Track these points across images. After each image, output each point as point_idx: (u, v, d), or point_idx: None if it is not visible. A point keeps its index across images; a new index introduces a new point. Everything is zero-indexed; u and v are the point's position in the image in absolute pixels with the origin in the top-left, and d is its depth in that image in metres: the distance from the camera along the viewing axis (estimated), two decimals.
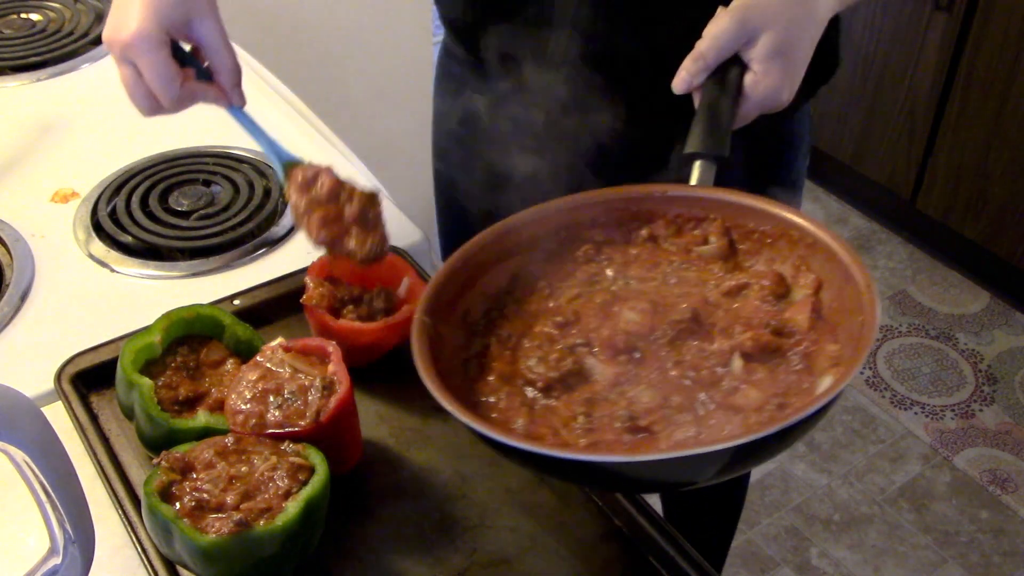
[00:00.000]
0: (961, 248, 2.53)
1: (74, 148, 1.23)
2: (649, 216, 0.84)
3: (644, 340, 0.75)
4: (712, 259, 0.81)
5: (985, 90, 2.27)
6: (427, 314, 0.76)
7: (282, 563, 0.74)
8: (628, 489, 0.78)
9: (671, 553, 0.77)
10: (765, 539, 1.98)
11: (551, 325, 0.78)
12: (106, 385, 0.90)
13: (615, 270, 0.83)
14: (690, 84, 0.83)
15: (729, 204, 0.81)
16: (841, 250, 0.73)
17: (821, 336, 0.73)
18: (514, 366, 0.76)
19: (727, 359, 0.72)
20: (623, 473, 0.65)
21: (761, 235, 0.80)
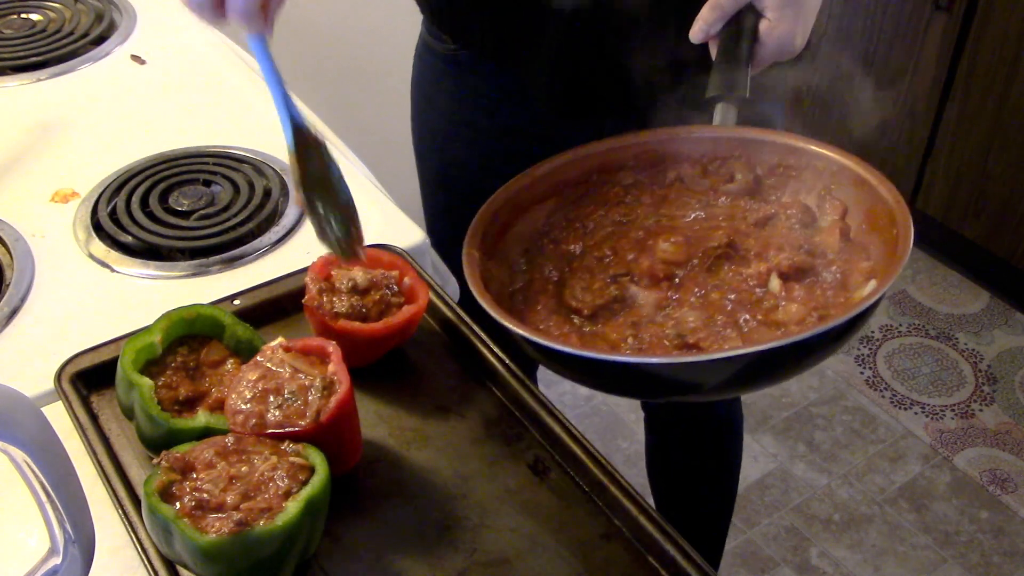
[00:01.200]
0: (961, 248, 2.53)
1: (74, 148, 1.23)
2: (676, 158, 0.87)
3: (682, 268, 0.78)
4: (739, 195, 0.84)
5: (985, 90, 2.27)
6: (476, 248, 0.79)
7: (282, 563, 0.74)
8: (681, 392, 0.79)
9: (671, 553, 0.77)
10: (765, 539, 1.98)
11: (591, 260, 0.82)
12: (106, 385, 0.90)
13: (645, 209, 0.86)
14: (707, 33, 0.85)
15: (753, 141, 0.84)
16: (867, 173, 0.76)
17: (852, 256, 0.76)
18: (559, 298, 0.80)
19: (765, 280, 0.75)
20: (680, 376, 0.67)
21: (786, 168, 0.83)
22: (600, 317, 0.77)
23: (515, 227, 0.84)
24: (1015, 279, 2.45)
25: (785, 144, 0.82)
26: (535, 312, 0.79)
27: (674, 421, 1.52)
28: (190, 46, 1.42)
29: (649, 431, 1.59)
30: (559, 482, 0.84)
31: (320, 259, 0.93)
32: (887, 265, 0.72)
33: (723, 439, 1.52)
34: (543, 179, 0.86)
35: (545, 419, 0.86)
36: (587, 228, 0.86)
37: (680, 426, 1.52)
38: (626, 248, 0.82)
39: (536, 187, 0.86)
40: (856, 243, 0.77)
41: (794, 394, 2.28)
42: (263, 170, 1.17)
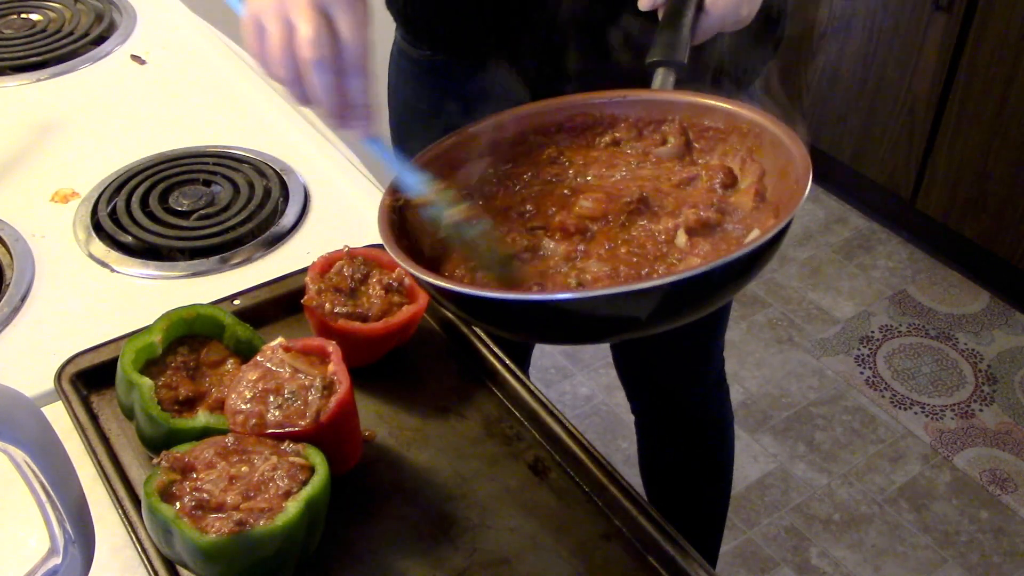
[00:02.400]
0: (961, 248, 2.53)
1: (74, 148, 1.23)
2: (612, 121, 0.88)
3: (597, 223, 0.80)
4: (670, 159, 0.86)
5: (985, 90, 2.27)
6: (393, 198, 0.79)
7: (282, 563, 0.74)
8: (574, 334, 0.80)
9: (671, 553, 0.77)
10: (765, 539, 1.98)
11: (513, 214, 0.83)
12: (106, 385, 0.90)
13: (576, 169, 0.87)
14: (654, 2, 0.86)
15: (686, 104, 0.85)
16: (781, 133, 0.78)
17: (763, 215, 0.78)
18: None
19: (672, 236, 0.77)
20: (572, 310, 0.68)
21: (715, 132, 0.84)
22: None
23: (447, 182, 0.84)
24: (1015, 279, 2.45)
25: (714, 107, 0.84)
26: (451, 262, 0.79)
27: (665, 423, 1.52)
28: (190, 46, 1.42)
29: (641, 433, 1.59)
30: (559, 482, 0.84)
31: (320, 259, 0.93)
32: (786, 207, 0.74)
33: (714, 440, 1.52)
34: (477, 136, 0.86)
35: (545, 419, 0.86)
36: (517, 186, 0.87)
37: (671, 428, 1.52)
38: (548, 204, 0.83)
39: (471, 144, 0.86)
40: (769, 202, 0.79)
41: (794, 394, 2.28)
42: (263, 170, 1.17)
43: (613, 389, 2.26)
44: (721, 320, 1.39)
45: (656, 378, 1.46)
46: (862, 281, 2.56)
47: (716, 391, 1.48)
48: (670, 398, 1.47)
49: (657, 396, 1.49)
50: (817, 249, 2.66)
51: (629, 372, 1.49)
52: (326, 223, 1.11)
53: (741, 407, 2.24)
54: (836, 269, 2.60)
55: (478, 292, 0.70)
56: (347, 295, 0.90)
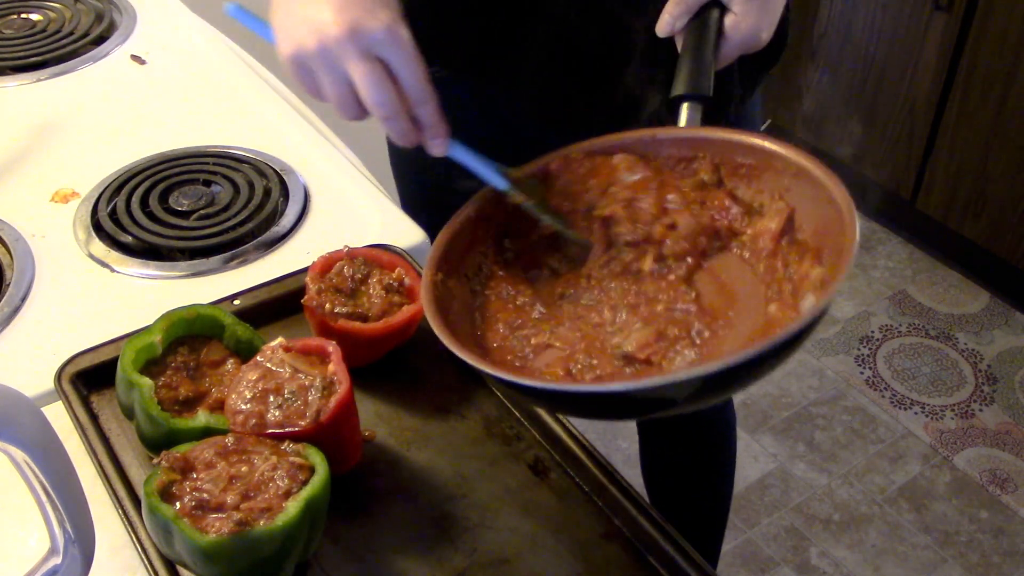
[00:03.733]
0: (961, 248, 2.53)
1: (74, 148, 1.23)
2: (643, 160, 0.85)
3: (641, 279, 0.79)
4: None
5: (985, 90, 2.27)
6: (438, 270, 0.78)
7: (282, 563, 0.74)
8: (636, 414, 0.80)
9: (671, 553, 0.77)
10: (765, 539, 1.98)
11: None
12: (106, 385, 0.90)
13: None
14: (672, 27, 0.85)
15: (716, 141, 0.82)
16: (822, 175, 0.75)
17: (803, 258, 0.75)
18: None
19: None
20: (630, 398, 0.66)
21: (748, 168, 0.82)
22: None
23: (481, 242, 0.84)
24: (1015, 279, 2.45)
25: (746, 143, 0.81)
26: (495, 332, 0.78)
27: (666, 425, 1.52)
28: (190, 46, 1.42)
29: (642, 435, 1.59)
30: (559, 482, 0.84)
31: (320, 259, 0.93)
32: (832, 272, 0.71)
33: (716, 441, 1.52)
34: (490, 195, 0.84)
35: (545, 419, 0.86)
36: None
37: (672, 429, 1.52)
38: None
39: (501, 201, 0.84)
40: (809, 246, 0.76)
41: (794, 394, 2.28)
42: (263, 170, 1.17)
43: None
44: None
45: None
46: (862, 281, 2.56)
47: None
48: None
49: None
50: None
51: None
52: (326, 223, 1.11)
53: (741, 407, 2.24)
54: None
55: (550, 386, 0.69)
56: (347, 295, 0.90)
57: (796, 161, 0.78)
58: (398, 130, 0.77)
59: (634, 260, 0.80)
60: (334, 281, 0.91)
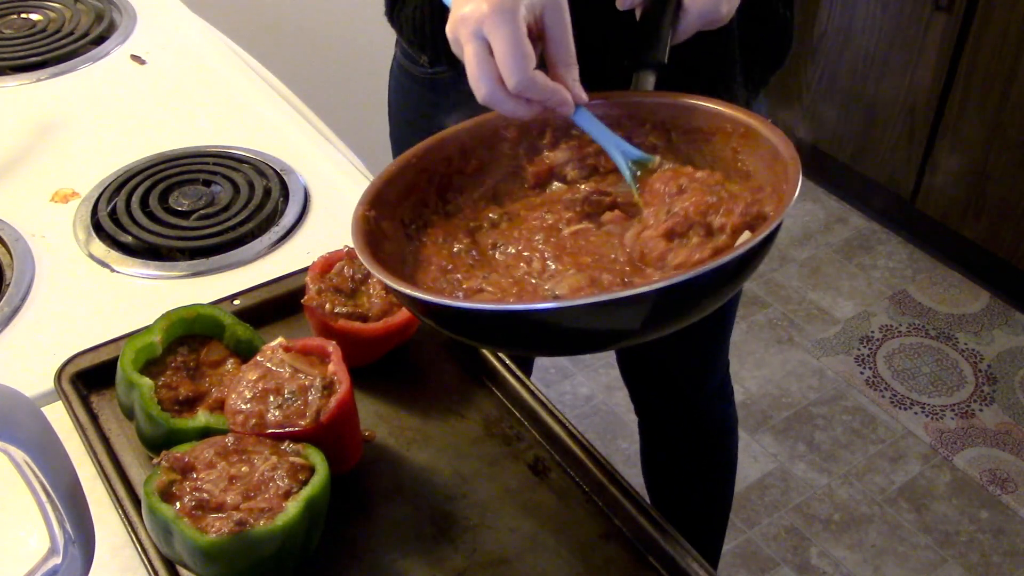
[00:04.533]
0: (961, 248, 2.53)
1: (74, 148, 1.23)
2: None
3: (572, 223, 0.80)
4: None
5: (985, 90, 2.27)
6: (371, 207, 0.78)
7: (282, 563, 0.74)
8: (555, 346, 0.78)
9: (671, 553, 0.77)
10: (765, 539, 1.98)
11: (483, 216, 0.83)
12: (106, 385, 0.90)
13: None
14: (633, 1, 0.85)
15: (667, 105, 0.84)
16: (769, 132, 0.77)
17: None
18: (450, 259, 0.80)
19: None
20: (551, 322, 0.66)
21: (698, 132, 0.83)
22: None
23: (419, 190, 0.84)
24: (1015, 279, 2.45)
25: (696, 107, 0.82)
26: (427, 274, 0.78)
27: (668, 425, 1.52)
28: (190, 46, 1.42)
29: (644, 435, 1.59)
30: (559, 482, 0.84)
31: (320, 259, 0.93)
32: (776, 208, 0.72)
33: (717, 442, 1.52)
34: (450, 142, 0.85)
35: (545, 419, 0.87)
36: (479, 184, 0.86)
37: (674, 432, 1.52)
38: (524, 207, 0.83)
39: (445, 149, 0.85)
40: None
41: (794, 394, 2.28)
42: (263, 170, 1.17)
43: (613, 389, 2.26)
44: (725, 330, 1.39)
45: (659, 384, 1.46)
46: (862, 281, 2.56)
47: (719, 399, 1.48)
48: (673, 403, 1.47)
49: (660, 401, 1.49)
50: (817, 249, 2.66)
51: (632, 376, 1.49)
52: (326, 223, 1.11)
53: (741, 407, 2.24)
54: (836, 269, 2.60)
55: (464, 304, 0.69)
56: (347, 295, 0.90)
57: (745, 121, 0.79)
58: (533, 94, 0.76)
59: (574, 215, 0.81)
60: (334, 281, 0.91)
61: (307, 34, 2.05)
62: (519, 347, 0.79)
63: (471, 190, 0.86)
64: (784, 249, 2.65)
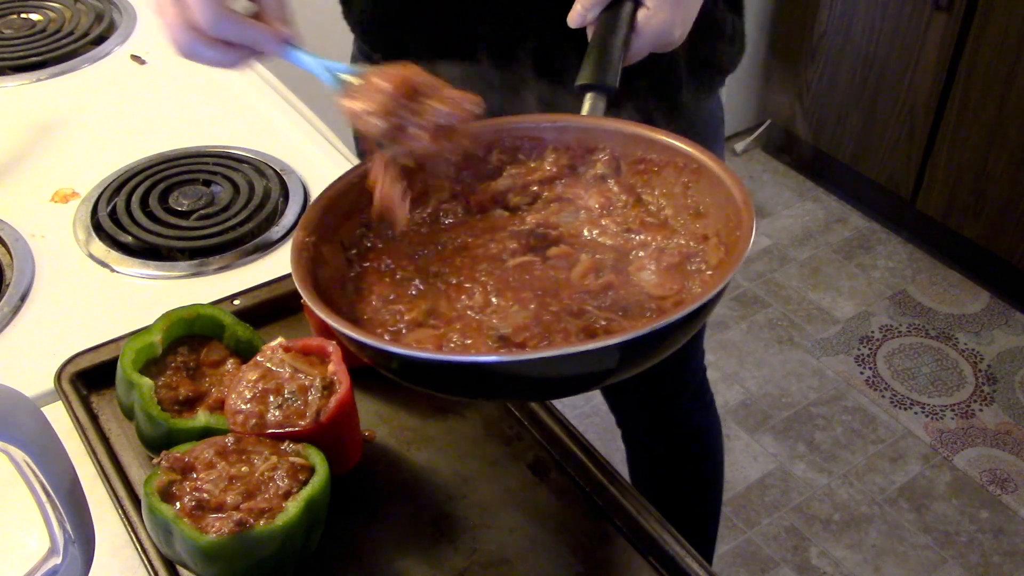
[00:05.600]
0: (961, 248, 2.53)
1: (74, 148, 1.23)
2: (540, 145, 0.84)
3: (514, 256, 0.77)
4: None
5: (985, 90, 2.27)
6: (309, 233, 0.75)
7: (282, 563, 0.74)
8: (502, 392, 0.77)
9: (671, 553, 0.77)
10: (765, 539, 1.98)
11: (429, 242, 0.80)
12: (106, 385, 0.90)
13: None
14: (584, 19, 0.84)
15: (617, 133, 0.82)
16: (722, 172, 0.75)
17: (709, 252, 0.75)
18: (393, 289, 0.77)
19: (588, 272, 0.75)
20: (505, 373, 0.65)
21: (648, 163, 0.81)
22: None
23: (361, 212, 0.81)
24: (1015, 279, 2.45)
25: (648, 138, 0.81)
26: (368, 305, 0.75)
27: (648, 434, 1.51)
28: None
29: (627, 443, 1.58)
30: (559, 482, 0.84)
31: None
32: (727, 260, 0.71)
33: (700, 450, 1.51)
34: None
35: (545, 419, 0.87)
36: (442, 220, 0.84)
37: (655, 439, 1.51)
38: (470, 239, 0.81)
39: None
40: (713, 240, 0.77)
41: (794, 394, 2.28)
42: (263, 170, 1.17)
43: None
44: (697, 336, 1.37)
45: (634, 392, 1.44)
46: (862, 281, 2.56)
47: (697, 405, 1.47)
48: (650, 411, 1.46)
49: (638, 410, 1.48)
50: (817, 249, 2.66)
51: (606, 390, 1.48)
52: None
53: (741, 407, 2.24)
54: (836, 269, 2.60)
55: (411, 353, 0.66)
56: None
57: (697, 158, 0.78)
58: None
59: (519, 247, 0.79)
60: None
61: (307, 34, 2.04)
62: (454, 392, 0.77)
63: (412, 213, 0.82)
64: (784, 249, 2.66)
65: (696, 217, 0.78)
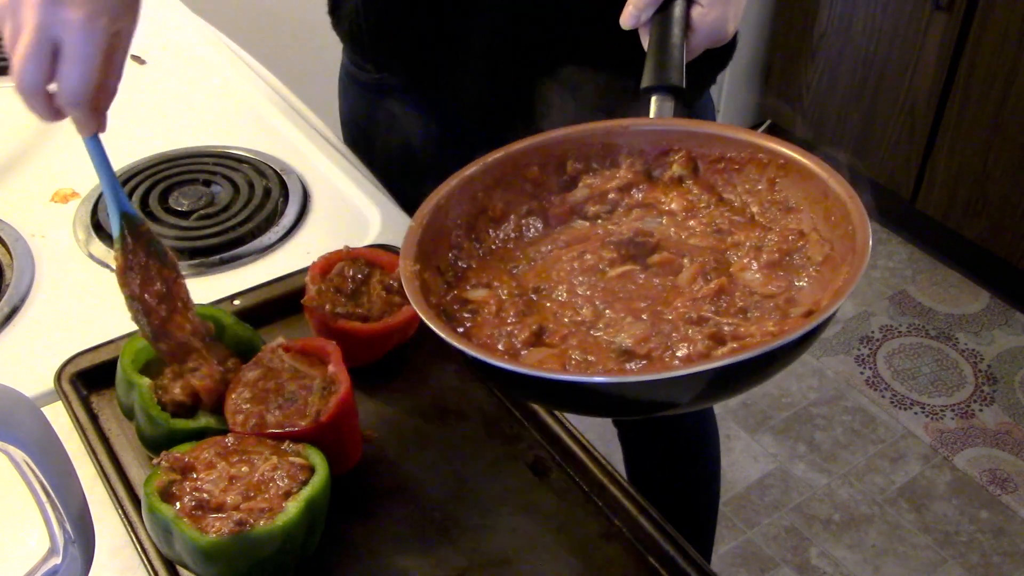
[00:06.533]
0: (961, 248, 2.53)
1: (74, 148, 1.22)
2: (613, 151, 0.83)
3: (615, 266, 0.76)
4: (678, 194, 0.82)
5: (985, 90, 2.27)
6: (415, 261, 0.74)
7: (282, 563, 0.74)
8: (637, 411, 0.75)
9: (671, 553, 0.77)
10: (765, 539, 1.98)
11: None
12: (106, 385, 0.90)
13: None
14: (638, 20, 0.84)
15: (693, 134, 0.81)
16: (816, 167, 0.74)
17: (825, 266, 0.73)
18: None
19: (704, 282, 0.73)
20: (632, 394, 0.63)
21: (729, 162, 0.80)
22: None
23: (452, 233, 0.79)
24: (1015, 279, 2.45)
25: (727, 136, 0.80)
26: (478, 326, 0.74)
27: (644, 435, 1.51)
28: (190, 46, 1.42)
29: (624, 444, 1.58)
30: (559, 482, 0.84)
31: (320, 259, 0.93)
32: (851, 266, 0.68)
33: (695, 451, 1.51)
34: (476, 179, 0.81)
35: (545, 419, 0.86)
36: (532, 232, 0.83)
37: (650, 440, 1.51)
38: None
39: (473, 186, 0.80)
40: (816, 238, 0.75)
41: (794, 394, 2.28)
42: (263, 170, 1.17)
43: None
44: None
45: None
46: (862, 281, 2.55)
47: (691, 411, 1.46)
48: (643, 419, 1.46)
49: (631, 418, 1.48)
50: None
51: None
52: (326, 223, 1.11)
53: (741, 407, 2.24)
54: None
55: (537, 373, 0.65)
56: (347, 295, 0.90)
57: (785, 153, 0.76)
58: (34, 105, 0.77)
59: (617, 256, 0.77)
60: (334, 281, 0.91)
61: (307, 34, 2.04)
62: (587, 411, 0.74)
63: (496, 232, 0.82)
64: None
65: (787, 212, 0.77)
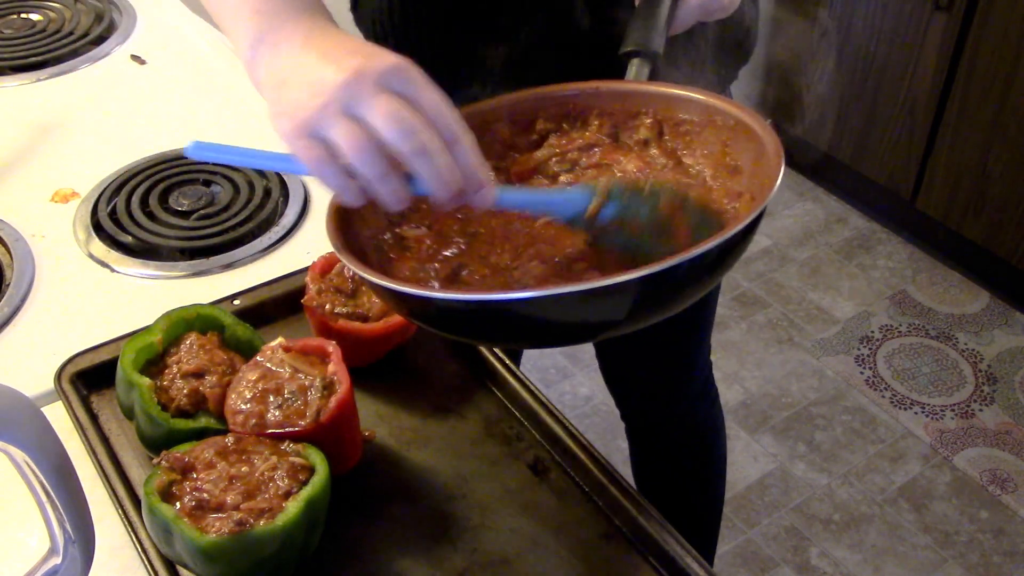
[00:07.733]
0: (961, 248, 2.53)
1: (74, 148, 1.23)
2: (583, 111, 0.84)
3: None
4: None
5: (985, 90, 2.27)
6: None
7: (282, 563, 0.74)
8: (534, 337, 0.75)
9: (671, 553, 0.77)
10: (765, 539, 1.98)
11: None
12: (106, 385, 0.90)
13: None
14: None
15: (658, 96, 0.82)
16: (756, 124, 0.76)
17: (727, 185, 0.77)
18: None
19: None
20: (525, 313, 0.64)
21: (689, 126, 0.82)
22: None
23: None
24: (1015, 279, 2.45)
25: (688, 98, 0.81)
26: (404, 266, 0.75)
27: (653, 430, 1.51)
28: (190, 46, 1.42)
29: (631, 439, 1.58)
30: (559, 482, 0.84)
31: (320, 259, 0.93)
32: (759, 195, 0.72)
33: (704, 444, 1.51)
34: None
35: (545, 419, 0.87)
36: None
37: (659, 435, 1.51)
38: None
39: None
40: (745, 195, 0.77)
41: (794, 394, 2.28)
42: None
43: None
44: (703, 329, 1.37)
45: (640, 386, 1.44)
46: (862, 281, 2.56)
47: (702, 401, 1.47)
48: (655, 406, 1.46)
49: (642, 403, 1.48)
50: (817, 249, 2.66)
51: (613, 379, 1.48)
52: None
53: (741, 407, 2.24)
54: (836, 269, 2.60)
55: (444, 295, 0.67)
56: (347, 295, 0.90)
57: (733, 113, 0.78)
58: (437, 176, 0.64)
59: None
60: (334, 281, 0.91)
61: None
62: (498, 340, 0.76)
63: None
64: (784, 249, 2.65)
65: (732, 175, 0.79)
